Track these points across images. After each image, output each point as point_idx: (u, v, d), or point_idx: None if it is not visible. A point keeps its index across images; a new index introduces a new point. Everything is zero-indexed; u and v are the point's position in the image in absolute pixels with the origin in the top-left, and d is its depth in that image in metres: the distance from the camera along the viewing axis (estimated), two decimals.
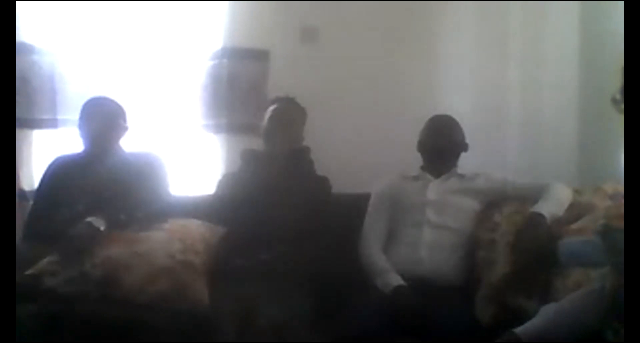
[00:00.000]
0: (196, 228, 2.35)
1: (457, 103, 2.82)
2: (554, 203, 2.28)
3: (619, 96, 2.14)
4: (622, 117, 1.95)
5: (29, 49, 2.79)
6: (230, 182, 2.63)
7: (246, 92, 2.91)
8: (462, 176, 2.52)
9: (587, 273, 1.95)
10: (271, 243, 2.35)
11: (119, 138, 2.61)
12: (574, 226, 2.17)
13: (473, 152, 2.58)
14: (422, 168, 2.58)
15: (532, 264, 2.13)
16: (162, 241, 2.22)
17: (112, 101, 2.63)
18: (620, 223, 1.81)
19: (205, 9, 2.92)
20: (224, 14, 2.91)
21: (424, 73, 3.01)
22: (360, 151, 2.94)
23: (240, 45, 2.91)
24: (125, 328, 2.01)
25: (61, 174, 2.55)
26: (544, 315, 1.83)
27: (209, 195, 2.65)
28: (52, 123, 2.85)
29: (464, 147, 2.57)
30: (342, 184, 2.62)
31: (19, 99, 2.58)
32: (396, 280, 2.27)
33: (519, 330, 1.79)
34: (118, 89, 2.86)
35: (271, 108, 2.64)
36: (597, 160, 2.95)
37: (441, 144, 2.53)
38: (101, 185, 2.44)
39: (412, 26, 3.02)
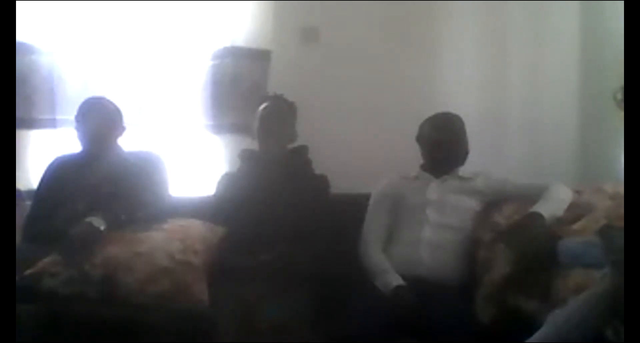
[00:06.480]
0: (196, 228, 2.35)
1: (457, 103, 2.82)
2: (554, 203, 2.28)
3: (620, 95, 2.14)
4: (622, 117, 1.95)
5: (28, 49, 2.79)
6: (229, 182, 2.63)
7: (248, 92, 2.90)
8: (462, 176, 2.51)
9: (588, 274, 1.94)
10: (271, 243, 2.35)
11: (116, 138, 2.61)
12: (574, 226, 2.17)
13: (473, 152, 2.57)
14: (422, 168, 2.57)
15: (531, 264, 2.13)
16: (162, 241, 2.22)
17: (109, 101, 2.63)
18: (620, 224, 1.80)
19: (207, 9, 2.92)
20: (225, 14, 2.91)
21: (424, 73, 3.01)
22: (360, 151, 2.94)
23: (242, 45, 2.91)
24: (125, 328, 2.01)
25: (60, 174, 2.55)
26: (553, 323, 1.81)
27: (209, 195, 2.65)
28: (51, 123, 2.85)
29: (465, 149, 2.56)
30: (341, 184, 2.62)
31: (18, 99, 2.56)
32: (396, 280, 2.27)
33: (530, 340, 1.78)
34: (119, 89, 2.86)
35: (261, 108, 2.64)
36: (597, 160, 2.95)
37: (443, 138, 2.50)
38: (101, 185, 2.44)
39: (413, 26, 3.02)
